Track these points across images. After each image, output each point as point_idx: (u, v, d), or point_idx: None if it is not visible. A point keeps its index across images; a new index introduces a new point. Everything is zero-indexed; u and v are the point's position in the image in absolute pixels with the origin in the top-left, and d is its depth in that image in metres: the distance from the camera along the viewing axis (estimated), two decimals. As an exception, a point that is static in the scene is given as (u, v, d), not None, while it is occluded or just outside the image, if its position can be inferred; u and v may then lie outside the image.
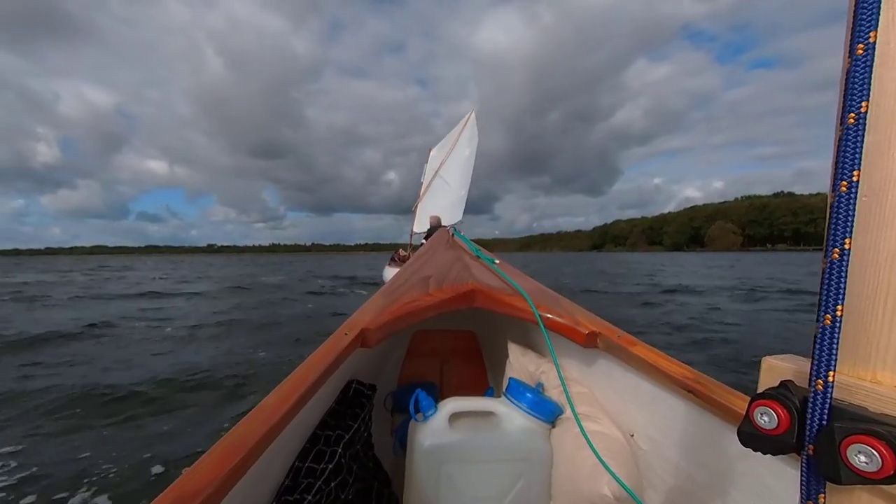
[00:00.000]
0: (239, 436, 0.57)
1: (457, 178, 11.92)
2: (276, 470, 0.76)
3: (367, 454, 1.10)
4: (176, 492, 0.47)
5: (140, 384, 3.81)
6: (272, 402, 0.66)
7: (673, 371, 0.83)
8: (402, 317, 1.03)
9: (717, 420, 0.74)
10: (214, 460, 0.52)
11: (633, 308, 9.07)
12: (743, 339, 5.90)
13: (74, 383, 3.85)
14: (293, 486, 0.78)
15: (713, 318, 7.69)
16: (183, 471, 0.51)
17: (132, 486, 2.22)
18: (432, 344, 1.70)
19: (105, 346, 5.61)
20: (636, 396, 0.95)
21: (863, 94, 0.32)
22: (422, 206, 12.67)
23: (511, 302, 1.12)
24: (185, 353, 5.13)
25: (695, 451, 0.81)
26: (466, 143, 12.08)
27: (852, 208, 0.32)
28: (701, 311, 8.58)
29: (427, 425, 0.99)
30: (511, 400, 1.05)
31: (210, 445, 0.55)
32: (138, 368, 4.42)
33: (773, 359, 0.41)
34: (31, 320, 7.71)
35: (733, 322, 7.25)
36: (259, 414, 0.63)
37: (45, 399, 3.50)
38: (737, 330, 6.56)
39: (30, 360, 4.77)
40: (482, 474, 0.98)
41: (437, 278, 1.22)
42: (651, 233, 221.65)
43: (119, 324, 7.23)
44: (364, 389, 1.07)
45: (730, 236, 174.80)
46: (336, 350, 0.85)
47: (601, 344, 1.01)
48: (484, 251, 1.50)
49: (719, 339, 5.89)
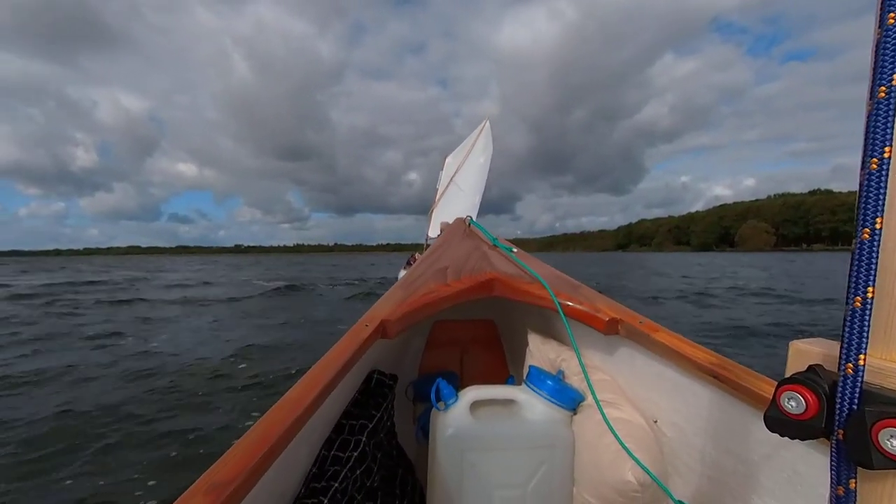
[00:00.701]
0: (266, 426, 0.59)
1: (471, 184, 12.22)
2: (303, 458, 0.78)
3: (390, 442, 1.12)
4: (208, 480, 0.49)
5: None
6: (297, 393, 0.68)
7: (697, 357, 0.81)
8: (421, 307, 1.05)
9: (745, 406, 0.73)
10: (244, 450, 0.54)
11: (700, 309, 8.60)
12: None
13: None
14: (320, 473, 0.80)
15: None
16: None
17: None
18: (452, 333, 1.71)
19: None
20: (659, 383, 0.94)
21: (894, 67, 0.31)
22: (437, 211, 12.91)
23: (530, 290, 1.12)
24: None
25: (721, 437, 0.80)
26: (481, 151, 12.40)
27: (884, 186, 0.31)
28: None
29: (448, 414, 1.00)
30: (532, 388, 1.05)
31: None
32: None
33: (800, 343, 0.40)
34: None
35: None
36: (285, 405, 0.65)
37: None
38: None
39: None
40: (505, 461, 0.98)
41: (455, 268, 1.23)
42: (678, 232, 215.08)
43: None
44: (386, 379, 1.09)
45: (762, 236, 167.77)
46: (357, 341, 0.87)
47: (622, 331, 1.00)
48: (501, 240, 1.49)
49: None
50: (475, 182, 12.12)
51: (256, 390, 3.94)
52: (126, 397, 3.75)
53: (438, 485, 0.98)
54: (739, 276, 18.05)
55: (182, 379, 4.25)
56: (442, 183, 13.49)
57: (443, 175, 13.73)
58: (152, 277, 17.24)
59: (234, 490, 0.48)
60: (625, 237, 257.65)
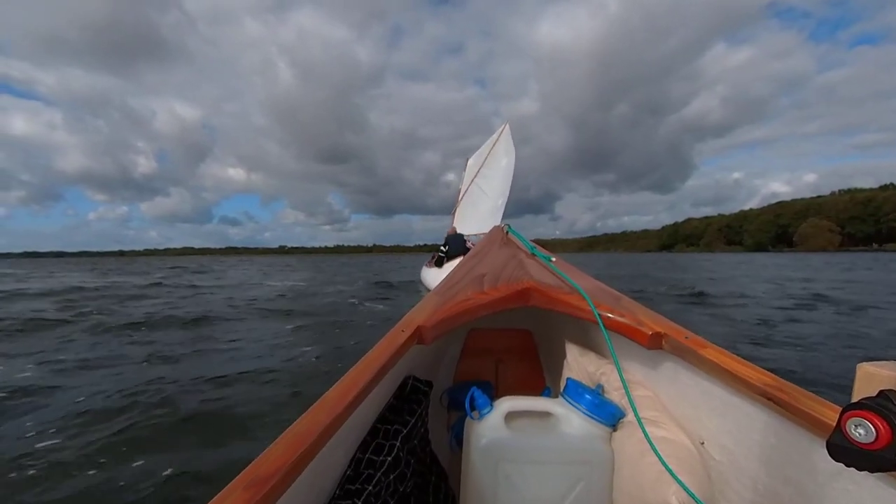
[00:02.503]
0: (304, 426, 0.61)
1: (494, 186, 12.30)
2: (338, 460, 0.80)
3: (424, 449, 1.13)
4: (249, 475, 0.51)
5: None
6: (334, 395, 0.70)
7: (749, 376, 0.76)
8: (457, 315, 1.04)
9: (803, 431, 0.68)
10: (283, 447, 0.56)
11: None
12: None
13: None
14: (355, 475, 0.81)
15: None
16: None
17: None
18: (487, 342, 1.70)
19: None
20: (707, 402, 0.89)
21: None
22: (460, 211, 13.39)
23: (568, 300, 1.09)
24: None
25: (776, 463, 0.74)
26: (503, 154, 12.48)
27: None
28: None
29: (483, 423, 1.00)
30: (569, 401, 1.02)
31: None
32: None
33: (870, 366, 0.37)
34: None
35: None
36: (322, 406, 0.66)
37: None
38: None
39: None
40: (540, 475, 0.96)
41: (492, 276, 1.22)
42: (729, 231, 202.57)
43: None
44: (421, 385, 1.10)
45: (825, 234, 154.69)
46: (393, 347, 0.87)
47: (667, 345, 0.95)
48: (539, 248, 1.47)
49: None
50: (499, 185, 12.13)
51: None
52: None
53: (472, 495, 0.97)
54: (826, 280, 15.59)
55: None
56: (464, 184, 13.80)
57: (465, 177, 14.07)
58: (261, 281, 17.92)
59: (273, 486, 0.50)
60: (670, 237, 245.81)
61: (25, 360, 4.55)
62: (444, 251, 10.34)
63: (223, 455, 2.41)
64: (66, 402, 3.26)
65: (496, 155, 12.66)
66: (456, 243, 10.26)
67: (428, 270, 11.20)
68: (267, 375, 3.86)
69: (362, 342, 5.31)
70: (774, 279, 15.38)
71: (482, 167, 12.91)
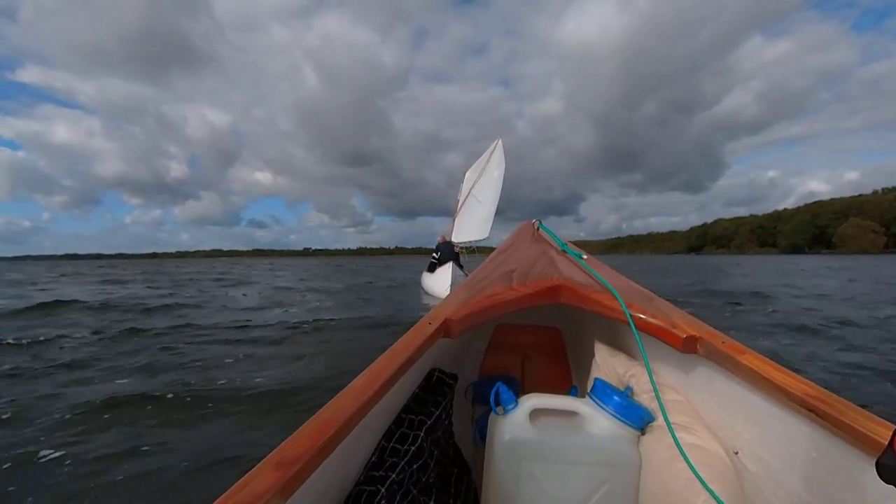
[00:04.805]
0: (331, 412, 0.62)
1: (487, 196, 13.76)
2: (364, 446, 0.81)
3: (447, 441, 1.13)
4: (278, 456, 0.52)
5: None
6: (360, 383, 0.71)
7: (790, 386, 0.72)
8: (484, 310, 1.04)
9: (850, 448, 0.64)
10: (312, 430, 0.57)
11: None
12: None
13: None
14: (379, 462, 0.83)
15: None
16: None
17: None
18: (514, 338, 1.68)
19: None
20: (743, 410, 0.85)
21: None
22: (458, 219, 15.05)
23: (599, 299, 1.07)
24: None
25: (817, 479, 0.70)
26: (496, 167, 14.01)
27: None
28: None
29: (507, 419, 0.99)
30: (596, 401, 1.01)
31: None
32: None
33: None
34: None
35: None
36: (350, 392, 0.68)
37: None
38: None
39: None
40: (564, 474, 0.95)
41: (521, 272, 1.21)
42: (762, 232, 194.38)
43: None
44: (446, 378, 1.11)
45: (868, 235, 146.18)
46: (420, 339, 0.88)
47: (701, 349, 0.92)
48: (571, 245, 1.45)
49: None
50: (491, 195, 13.68)
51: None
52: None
53: (494, 490, 0.97)
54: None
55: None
56: (462, 194, 15.43)
57: (463, 188, 15.69)
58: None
59: (301, 468, 0.51)
60: (698, 238, 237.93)
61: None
62: (435, 258, 11.63)
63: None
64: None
65: (490, 167, 14.26)
66: (446, 250, 11.55)
67: (426, 275, 12.27)
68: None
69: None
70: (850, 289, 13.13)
71: (478, 179, 14.58)
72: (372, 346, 5.19)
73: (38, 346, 5.35)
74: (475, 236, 13.52)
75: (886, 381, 3.73)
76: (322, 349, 5.13)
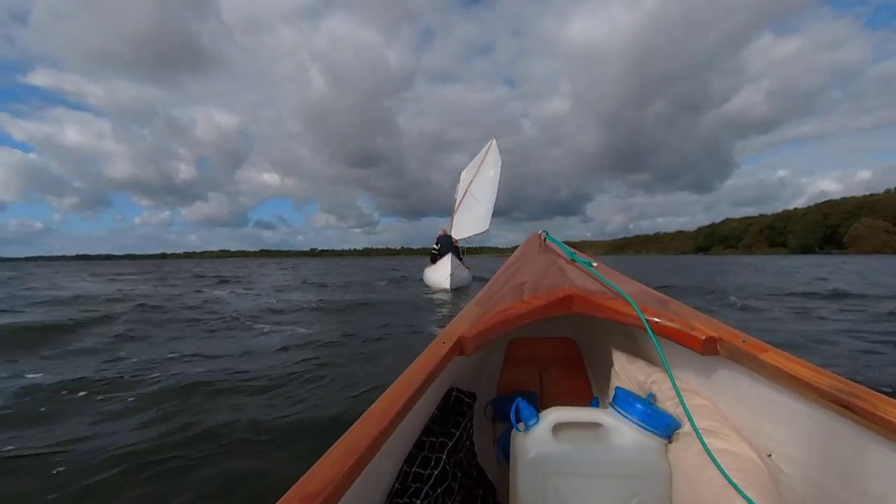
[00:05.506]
0: (352, 440, 0.61)
1: (484, 194, 14.49)
2: (386, 473, 0.80)
3: (470, 462, 1.11)
4: (301, 490, 0.51)
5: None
6: (379, 408, 0.70)
7: (819, 381, 0.70)
8: (498, 325, 1.03)
9: (887, 442, 0.62)
10: (333, 461, 0.56)
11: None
12: None
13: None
14: (402, 489, 0.81)
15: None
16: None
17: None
18: (530, 352, 1.67)
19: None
20: (771, 410, 0.83)
21: None
22: (457, 217, 15.80)
23: (613, 306, 1.06)
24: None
25: (855, 478, 0.69)
26: (491, 166, 14.68)
27: None
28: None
29: (530, 435, 0.98)
30: (619, 411, 0.99)
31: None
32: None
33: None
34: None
35: None
36: (369, 419, 0.67)
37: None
38: None
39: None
40: (592, 489, 0.93)
41: (532, 284, 1.20)
42: (771, 232, 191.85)
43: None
44: (464, 397, 1.09)
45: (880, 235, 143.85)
46: (435, 358, 0.87)
47: (722, 350, 0.90)
48: (579, 254, 1.43)
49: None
50: (488, 193, 14.40)
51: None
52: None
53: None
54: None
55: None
56: (459, 193, 16.15)
57: (459, 187, 16.36)
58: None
59: (324, 500, 0.51)
60: (706, 238, 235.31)
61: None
62: (436, 249, 12.56)
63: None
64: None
65: (485, 167, 14.95)
66: (446, 243, 12.48)
67: (427, 270, 12.98)
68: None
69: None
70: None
71: (474, 178, 15.30)
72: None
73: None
74: (475, 231, 14.66)
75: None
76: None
